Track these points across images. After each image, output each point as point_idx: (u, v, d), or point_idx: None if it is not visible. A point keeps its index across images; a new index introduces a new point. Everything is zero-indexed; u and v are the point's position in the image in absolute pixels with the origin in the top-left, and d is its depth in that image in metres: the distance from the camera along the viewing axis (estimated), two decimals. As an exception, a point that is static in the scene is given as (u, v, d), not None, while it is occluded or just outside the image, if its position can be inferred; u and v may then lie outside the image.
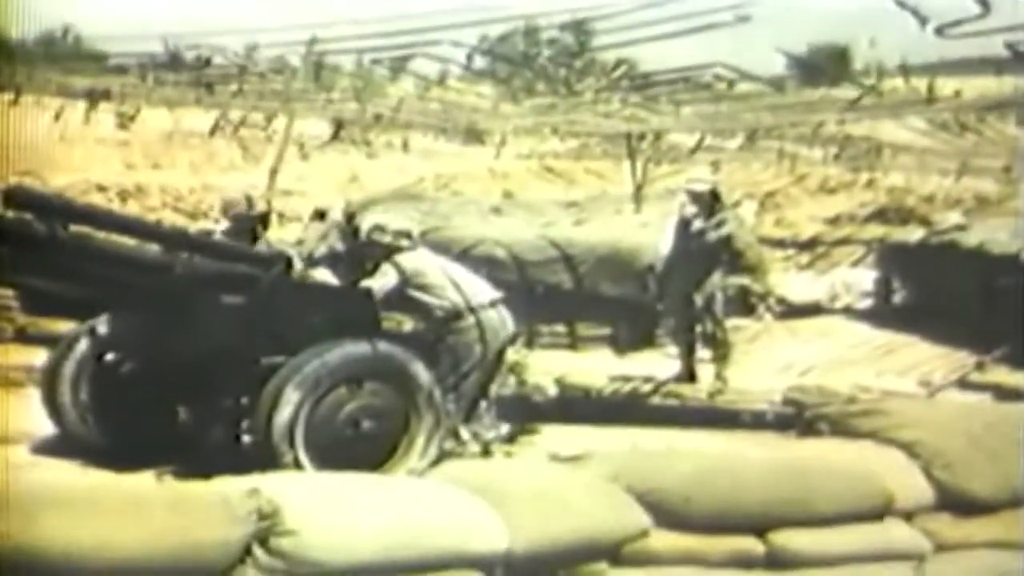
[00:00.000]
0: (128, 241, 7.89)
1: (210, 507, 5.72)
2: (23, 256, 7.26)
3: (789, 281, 16.32)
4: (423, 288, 8.91)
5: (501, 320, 9.07)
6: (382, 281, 8.84)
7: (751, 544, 6.70)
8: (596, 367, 11.74)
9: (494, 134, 23.30)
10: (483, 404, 9.08)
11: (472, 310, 8.92)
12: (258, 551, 5.69)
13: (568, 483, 6.65)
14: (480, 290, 9.10)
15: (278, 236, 15.11)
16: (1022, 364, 11.21)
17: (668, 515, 6.58)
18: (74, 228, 7.40)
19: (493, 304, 9.05)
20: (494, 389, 9.23)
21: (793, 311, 15.19)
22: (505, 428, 9.18)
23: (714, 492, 6.70)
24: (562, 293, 13.93)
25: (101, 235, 7.58)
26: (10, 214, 7.28)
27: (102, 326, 8.23)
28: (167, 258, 7.74)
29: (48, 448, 8.20)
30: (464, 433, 8.78)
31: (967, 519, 7.19)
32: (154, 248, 7.88)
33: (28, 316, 10.28)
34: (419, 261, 9.03)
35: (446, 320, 8.88)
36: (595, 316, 13.75)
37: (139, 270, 7.65)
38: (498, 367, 9.22)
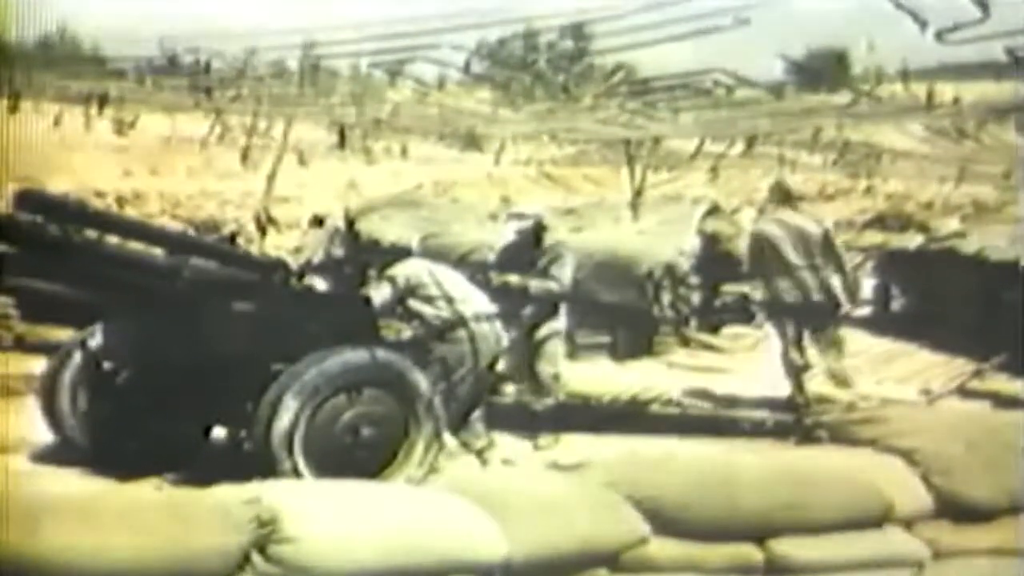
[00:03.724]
0: (136, 246, 7.90)
1: (209, 515, 5.73)
2: (34, 259, 7.27)
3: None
4: (421, 297, 8.90)
5: (494, 333, 9.06)
6: (380, 289, 8.84)
7: (750, 552, 6.71)
8: (595, 375, 11.72)
9: (493, 140, 23.26)
10: (474, 415, 9.08)
11: (464, 322, 8.92)
12: (257, 559, 5.70)
13: (567, 491, 6.65)
14: (475, 302, 9.10)
15: (276, 243, 15.16)
16: (1021, 372, 11.19)
17: (667, 523, 6.58)
18: (86, 232, 7.43)
19: (487, 318, 9.04)
20: (484, 400, 9.21)
21: (792, 318, 15.12)
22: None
23: (713, 500, 6.71)
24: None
25: (111, 239, 7.60)
26: (22, 217, 7.30)
27: (100, 334, 8.22)
28: (175, 262, 7.74)
29: (47, 456, 8.20)
30: (451, 441, 8.76)
31: (966, 526, 7.19)
32: (160, 252, 7.89)
33: (27, 324, 10.27)
34: (417, 269, 9.02)
35: (442, 329, 8.87)
36: (593, 324, 13.72)
37: (148, 274, 7.66)
38: (490, 379, 9.21)
